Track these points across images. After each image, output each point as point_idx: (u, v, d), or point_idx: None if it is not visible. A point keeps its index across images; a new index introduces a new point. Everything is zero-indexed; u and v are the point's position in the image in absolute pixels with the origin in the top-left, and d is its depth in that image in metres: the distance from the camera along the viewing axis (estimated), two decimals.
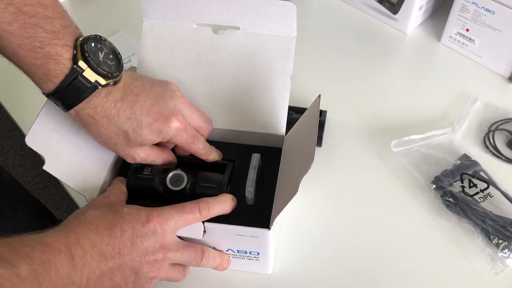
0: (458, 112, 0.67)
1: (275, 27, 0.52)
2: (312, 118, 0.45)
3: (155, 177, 0.48)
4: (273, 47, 0.53)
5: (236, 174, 0.51)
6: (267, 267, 0.52)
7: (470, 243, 0.54)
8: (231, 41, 0.53)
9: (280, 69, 0.53)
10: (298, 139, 0.49)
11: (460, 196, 0.56)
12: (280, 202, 0.45)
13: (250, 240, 0.46)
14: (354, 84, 0.73)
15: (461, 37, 0.75)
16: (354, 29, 0.82)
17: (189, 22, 0.53)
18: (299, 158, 0.45)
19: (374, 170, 0.62)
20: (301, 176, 0.40)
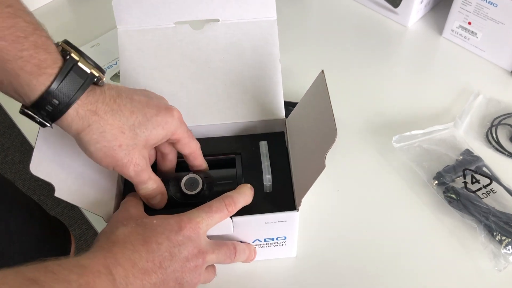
0: (460, 106, 0.66)
1: (254, 13, 0.52)
2: (322, 93, 0.45)
3: (169, 185, 0.48)
4: (256, 34, 0.52)
5: (245, 166, 0.51)
6: (293, 251, 0.52)
7: (473, 239, 0.54)
8: (213, 35, 0.53)
9: (267, 55, 0.53)
10: (307, 119, 0.49)
11: (463, 192, 0.56)
12: (304, 181, 0.45)
13: (278, 226, 0.46)
14: (354, 78, 0.72)
15: (463, 30, 0.73)
16: (354, 23, 0.81)
17: (167, 22, 0.52)
18: (317, 134, 0.45)
19: (375, 166, 0.61)
20: (326, 151, 0.40)
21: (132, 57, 0.53)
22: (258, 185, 0.49)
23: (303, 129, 0.49)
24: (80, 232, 1.31)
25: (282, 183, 0.49)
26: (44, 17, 0.86)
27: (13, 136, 1.60)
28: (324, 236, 0.55)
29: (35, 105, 0.37)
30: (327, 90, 0.44)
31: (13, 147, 1.58)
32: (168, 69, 0.53)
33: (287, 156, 0.52)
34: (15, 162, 1.54)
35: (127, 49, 0.53)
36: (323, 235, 0.55)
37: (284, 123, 0.54)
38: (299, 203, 0.45)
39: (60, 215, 1.36)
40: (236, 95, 0.53)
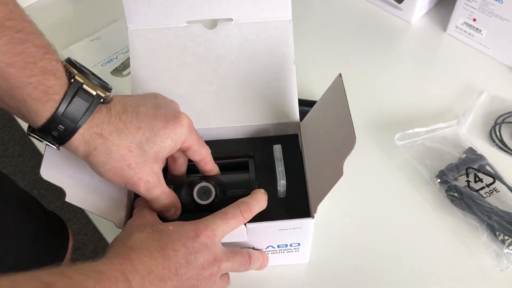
0: (464, 104, 0.66)
1: (269, 13, 0.51)
2: (339, 98, 0.44)
3: (182, 194, 0.47)
4: (270, 34, 0.51)
5: (258, 169, 0.50)
6: (306, 256, 0.51)
7: (475, 239, 0.53)
8: (226, 34, 0.51)
9: (281, 56, 0.52)
10: (323, 123, 0.48)
11: (465, 191, 0.55)
12: (320, 188, 0.44)
13: (292, 232, 0.46)
14: (357, 75, 0.71)
15: (467, 27, 0.73)
16: (357, 18, 0.80)
17: (178, 21, 0.51)
18: (334, 140, 0.44)
19: (378, 164, 0.61)
20: (344, 158, 0.39)
21: (142, 57, 0.52)
22: (271, 190, 0.48)
23: (318, 133, 0.48)
24: (80, 226, 1.31)
25: (296, 188, 0.48)
26: (44, 11, 0.86)
27: (13, 129, 1.60)
28: (328, 237, 0.54)
29: (41, 130, 0.37)
30: (345, 94, 0.43)
31: (13, 140, 1.57)
32: (179, 70, 0.52)
33: (301, 160, 0.51)
34: (14, 155, 1.53)
35: (138, 48, 0.52)
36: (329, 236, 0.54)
37: (298, 126, 0.53)
38: (315, 210, 0.44)
39: (60, 209, 1.36)
40: (249, 97, 0.52)
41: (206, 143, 0.48)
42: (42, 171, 0.41)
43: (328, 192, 0.41)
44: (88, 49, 0.76)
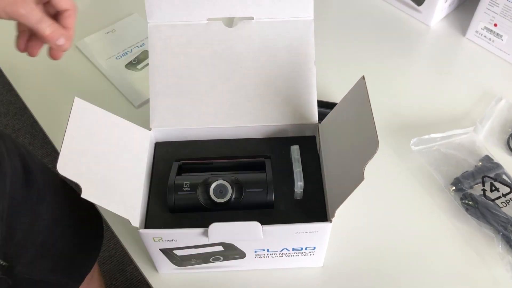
0: (481, 111, 0.65)
1: (290, 12, 0.50)
2: (362, 100, 0.43)
3: (198, 192, 0.46)
4: (291, 33, 0.51)
5: (274, 170, 0.49)
6: (320, 260, 0.51)
7: (490, 249, 0.52)
8: (246, 33, 0.51)
9: (302, 56, 0.51)
10: (343, 126, 0.47)
11: (481, 200, 0.54)
12: (339, 192, 0.43)
13: (308, 236, 0.45)
14: (373, 77, 0.70)
15: (488, 32, 0.71)
16: (375, 19, 0.79)
17: (199, 18, 0.51)
18: (355, 144, 0.43)
19: (392, 168, 0.60)
20: (365, 162, 0.39)
21: (161, 53, 0.52)
22: (288, 191, 0.48)
23: (338, 136, 0.48)
24: None
25: (313, 191, 0.48)
26: None
27: (24, 118, 1.60)
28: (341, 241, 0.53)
29: None
30: (367, 97, 0.42)
31: (23, 128, 1.58)
32: (198, 67, 0.52)
33: (318, 162, 0.50)
34: (25, 144, 1.54)
35: (157, 44, 0.52)
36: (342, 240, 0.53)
37: (316, 127, 0.52)
38: (333, 214, 0.43)
39: None
40: (267, 96, 0.52)
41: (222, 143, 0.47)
42: (58, 166, 0.41)
43: (347, 197, 0.40)
44: (103, 42, 0.76)
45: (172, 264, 0.49)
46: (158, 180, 0.50)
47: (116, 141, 0.47)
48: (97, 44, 0.75)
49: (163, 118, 0.52)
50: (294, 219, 0.45)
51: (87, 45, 0.75)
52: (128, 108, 0.67)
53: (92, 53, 0.74)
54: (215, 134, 0.53)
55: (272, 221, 0.45)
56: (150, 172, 0.50)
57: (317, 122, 0.52)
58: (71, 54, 0.74)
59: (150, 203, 0.48)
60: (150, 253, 0.48)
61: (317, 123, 0.52)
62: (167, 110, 0.52)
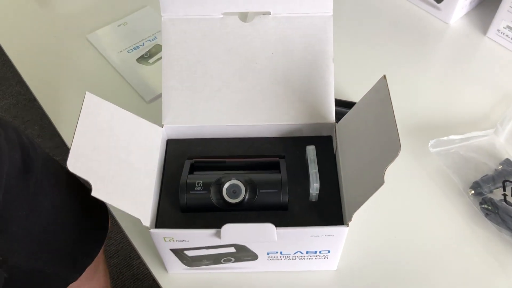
0: (502, 112, 0.63)
1: (308, 7, 0.48)
2: (383, 101, 0.41)
3: (210, 192, 0.45)
4: (309, 30, 0.49)
5: (289, 170, 0.48)
6: (334, 264, 0.49)
7: (509, 256, 0.50)
8: (263, 29, 0.49)
9: (319, 53, 0.49)
10: (362, 126, 0.46)
11: (501, 205, 0.52)
12: (357, 195, 0.42)
13: (323, 240, 0.44)
14: (390, 76, 0.68)
15: (510, 31, 0.69)
16: (393, 16, 0.77)
17: (214, 12, 0.49)
18: (375, 145, 0.42)
19: (409, 170, 0.58)
20: (386, 165, 0.37)
21: (175, 48, 0.50)
22: (303, 193, 0.47)
23: (357, 136, 0.46)
24: None
25: (328, 193, 0.46)
26: None
27: (33, 110, 1.60)
28: (356, 244, 0.52)
29: None
30: (389, 97, 0.41)
31: (32, 120, 1.58)
32: (212, 63, 0.50)
33: (334, 163, 0.49)
34: (34, 136, 1.54)
35: (171, 38, 0.50)
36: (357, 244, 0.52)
37: (333, 127, 0.50)
38: (350, 218, 0.42)
39: None
40: (282, 94, 0.50)
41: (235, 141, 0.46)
42: (69, 162, 0.40)
43: (366, 201, 0.39)
44: (114, 35, 0.74)
45: (182, 264, 0.48)
46: (170, 179, 0.48)
47: (128, 137, 0.46)
48: (108, 37, 0.74)
49: (176, 115, 0.50)
50: (309, 222, 0.44)
51: (98, 38, 0.74)
52: (139, 103, 0.66)
53: (103, 46, 0.73)
54: (229, 132, 0.51)
55: (286, 223, 0.44)
56: (162, 170, 0.49)
57: (334, 122, 0.50)
58: (82, 46, 0.73)
59: (161, 202, 0.47)
60: (160, 253, 0.46)
61: (334, 123, 0.50)
62: (180, 106, 0.50)
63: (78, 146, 0.41)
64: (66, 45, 0.74)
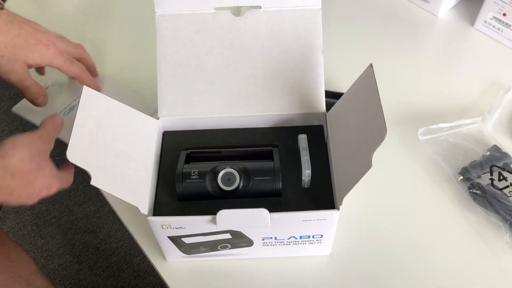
0: (490, 101, 0.64)
1: (298, 1, 0.50)
2: (370, 89, 0.43)
3: (206, 180, 0.47)
4: (299, 22, 0.51)
5: (282, 159, 0.49)
6: (327, 248, 0.51)
7: (497, 238, 0.52)
8: (254, 22, 0.51)
9: (309, 45, 0.51)
10: (351, 114, 0.47)
11: (489, 189, 0.54)
12: (347, 180, 0.44)
13: (316, 224, 0.45)
14: (380, 67, 0.69)
15: (497, 22, 0.71)
16: (383, 9, 0.79)
17: (206, 7, 0.51)
18: (363, 131, 0.43)
19: (400, 158, 0.60)
20: (373, 149, 0.39)
21: (169, 43, 0.52)
22: (295, 180, 0.48)
23: (346, 124, 0.48)
24: (95, 209, 1.32)
25: (320, 179, 0.48)
26: None
27: None
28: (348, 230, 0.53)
29: None
30: (376, 85, 0.42)
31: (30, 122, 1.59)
32: (206, 57, 0.52)
33: (326, 151, 0.51)
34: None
35: (165, 34, 0.52)
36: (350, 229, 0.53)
37: (323, 116, 0.52)
38: (340, 202, 0.44)
39: (76, 191, 1.37)
40: (275, 86, 0.52)
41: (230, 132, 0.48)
42: (68, 154, 0.41)
43: (355, 184, 0.41)
44: None
45: (180, 252, 0.50)
46: (166, 169, 0.50)
47: (125, 129, 0.47)
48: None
49: (171, 108, 0.52)
50: (302, 207, 0.46)
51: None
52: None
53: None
54: (223, 123, 0.53)
55: (280, 209, 0.45)
56: (158, 161, 0.51)
57: (325, 111, 0.52)
58: None
59: (158, 191, 0.48)
60: (158, 241, 0.48)
61: (325, 112, 0.52)
62: (175, 99, 0.52)
63: (77, 138, 0.42)
64: None
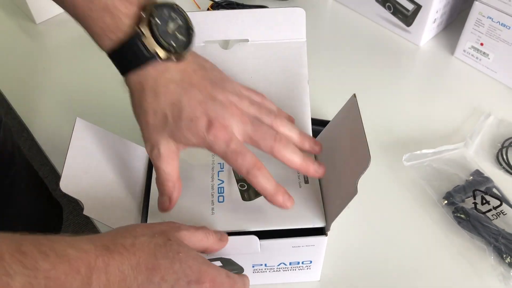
0: (471, 127, 0.67)
1: (284, 35, 0.52)
2: (354, 117, 0.45)
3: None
4: (285, 54, 0.53)
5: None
6: (317, 274, 0.51)
7: (482, 261, 0.53)
8: (242, 55, 0.53)
9: (295, 76, 0.53)
10: (337, 142, 0.49)
11: (472, 213, 0.56)
12: (334, 206, 0.45)
13: (305, 250, 0.46)
14: (365, 95, 0.71)
15: (475, 51, 0.74)
16: (366, 39, 0.82)
17: (196, 41, 0.53)
18: (349, 159, 0.45)
19: (386, 183, 0.61)
20: (358, 177, 0.40)
21: None
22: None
23: (332, 152, 0.49)
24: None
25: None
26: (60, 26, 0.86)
27: (21, 140, 1.61)
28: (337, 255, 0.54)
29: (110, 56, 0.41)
30: (359, 114, 0.44)
31: None
32: None
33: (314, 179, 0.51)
34: None
35: None
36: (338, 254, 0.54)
37: None
38: (328, 228, 0.45)
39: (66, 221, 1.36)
40: None
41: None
42: (61, 184, 0.42)
43: (342, 211, 0.42)
44: None
45: None
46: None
47: (117, 159, 0.49)
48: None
49: None
50: (291, 233, 0.46)
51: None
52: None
53: None
54: None
55: (270, 237, 0.46)
56: (148, 189, 0.52)
57: None
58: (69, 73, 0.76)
59: (148, 219, 0.49)
60: None
61: None
62: None
63: (70, 169, 0.43)
64: (54, 74, 0.77)
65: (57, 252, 0.30)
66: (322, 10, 0.87)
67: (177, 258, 0.35)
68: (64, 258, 0.30)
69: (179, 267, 0.35)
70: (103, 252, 0.32)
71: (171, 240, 0.36)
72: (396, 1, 0.78)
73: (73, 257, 0.30)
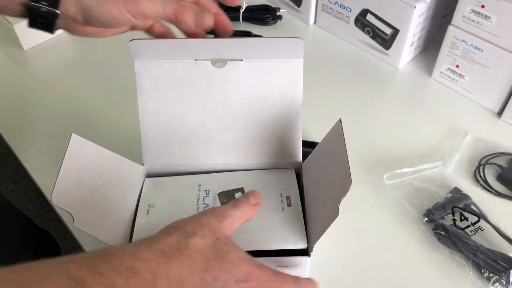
0: (449, 145, 0.69)
1: (280, 54, 0.51)
2: (338, 142, 0.46)
3: None
4: (280, 75, 0.51)
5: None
6: None
7: (462, 276, 0.55)
8: (235, 75, 0.51)
9: (289, 99, 0.52)
10: (322, 165, 0.50)
11: (452, 229, 0.57)
12: (317, 227, 0.45)
13: (289, 271, 0.46)
14: (347, 117, 0.74)
15: (451, 72, 0.77)
16: (347, 63, 0.84)
17: (187, 59, 0.51)
18: (332, 182, 0.46)
19: (368, 202, 0.63)
20: (339, 199, 0.41)
21: (150, 92, 0.52)
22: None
23: (318, 175, 0.50)
24: None
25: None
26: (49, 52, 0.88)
27: (7, 166, 1.61)
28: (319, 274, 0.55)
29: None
30: (343, 139, 0.45)
31: (6, 176, 1.58)
32: (187, 107, 0.52)
33: (302, 200, 0.52)
34: (8, 191, 1.54)
35: (145, 83, 0.51)
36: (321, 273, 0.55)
37: (300, 166, 0.55)
38: (311, 248, 0.46)
39: None
40: (254, 137, 0.54)
41: None
42: (53, 196, 0.43)
43: (324, 232, 0.43)
44: None
45: None
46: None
47: (110, 175, 0.50)
48: None
49: (155, 155, 0.54)
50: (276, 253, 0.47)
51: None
52: None
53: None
54: (204, 169, 0.55)
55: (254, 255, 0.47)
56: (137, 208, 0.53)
57: (301, 161, 0.55)
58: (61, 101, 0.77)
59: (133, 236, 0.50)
60: None
61: (301, 162, 0.55)
62: (158, 147, 0.54)
63: (63, 182, 0.45)
64: (44, 100, 0.78)
65: (126, 267, 0.32)
66: (304, 35, 0.90)
67: (226, 259, 0.37)
68: (133, 271, 0.32)
69: (228, 267, 0.37)
70: (162, 259, 0.34)
71: (219, 239, 0.38)
72: (375, 26, 0.81)
73: (140, 269, 0.33)
